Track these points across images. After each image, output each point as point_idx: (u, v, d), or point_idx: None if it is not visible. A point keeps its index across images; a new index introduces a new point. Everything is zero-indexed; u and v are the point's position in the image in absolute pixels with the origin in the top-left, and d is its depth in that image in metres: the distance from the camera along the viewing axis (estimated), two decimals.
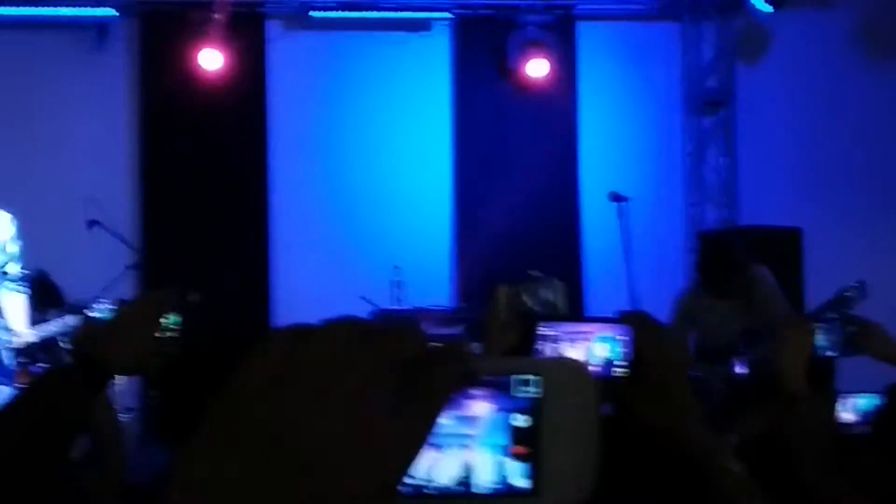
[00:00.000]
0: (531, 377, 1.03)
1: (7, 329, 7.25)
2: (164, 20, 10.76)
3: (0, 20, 10.61)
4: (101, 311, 7.27)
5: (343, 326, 0.85)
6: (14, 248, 7.39)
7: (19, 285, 7.36)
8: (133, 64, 10.95)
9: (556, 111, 11.25)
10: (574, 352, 2.18)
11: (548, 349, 2.20)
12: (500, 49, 11.11)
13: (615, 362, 2.12)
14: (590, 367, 1.57)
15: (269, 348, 0.84)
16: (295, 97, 11.00)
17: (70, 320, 7.45)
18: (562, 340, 2.22)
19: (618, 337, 2.12)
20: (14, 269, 7.36)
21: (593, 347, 2.17)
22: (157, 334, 2.40)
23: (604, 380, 2.07)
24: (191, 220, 10.75)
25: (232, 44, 10.62)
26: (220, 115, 10.71)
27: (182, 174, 10.80)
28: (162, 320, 2.42)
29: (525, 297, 3.24)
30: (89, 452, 2.84)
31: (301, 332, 0.85)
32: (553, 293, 3.54)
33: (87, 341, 2.35)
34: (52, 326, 7.48)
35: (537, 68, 11.04)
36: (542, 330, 2.25)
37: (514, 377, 1.03)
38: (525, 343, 2.25)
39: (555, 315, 3.14)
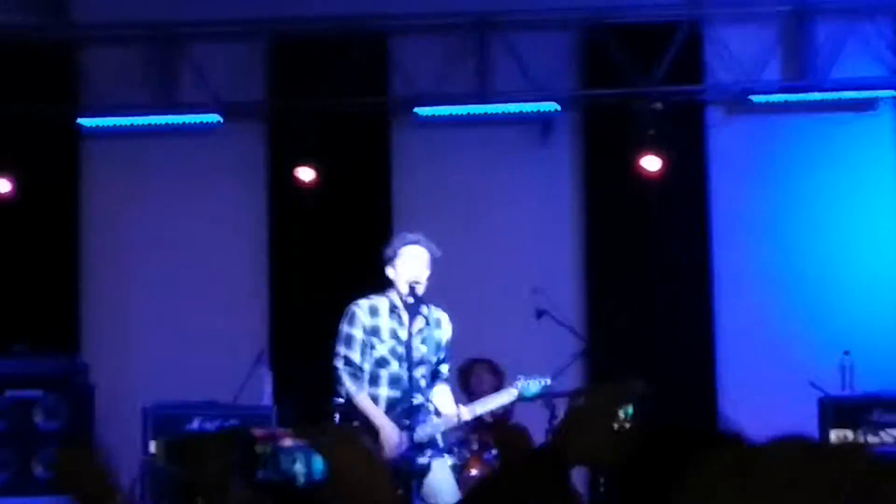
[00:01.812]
0: None
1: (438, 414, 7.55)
2: (606, 112, 10.97)
3: (453, 119, 11.12)
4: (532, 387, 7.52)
5: (791, 444, 0.86)
6: (448, 348, 7.69)
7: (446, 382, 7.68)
8: (576, 156, 11.20)
9: None
10: None
11: None
12: None
13: None
14: None
15: (721, 461, 0.86)
16: (736, 182, 10.93)
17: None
18: None
19: None
20: (446, 369, 7.68)
21: None
22: (614, 426, 2.46)
23: None
24: (634, 308, 10.85)
25: (672, 132, 10.70)
26: (662, 202, 10.78)
27: (625, 262, 10.93)
28: (619, 412, 2.47)
29: None
30: None
31: (752, 449, 0.86)
32: None
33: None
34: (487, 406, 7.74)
35: None
36: None
37: None
38: None
39: None
